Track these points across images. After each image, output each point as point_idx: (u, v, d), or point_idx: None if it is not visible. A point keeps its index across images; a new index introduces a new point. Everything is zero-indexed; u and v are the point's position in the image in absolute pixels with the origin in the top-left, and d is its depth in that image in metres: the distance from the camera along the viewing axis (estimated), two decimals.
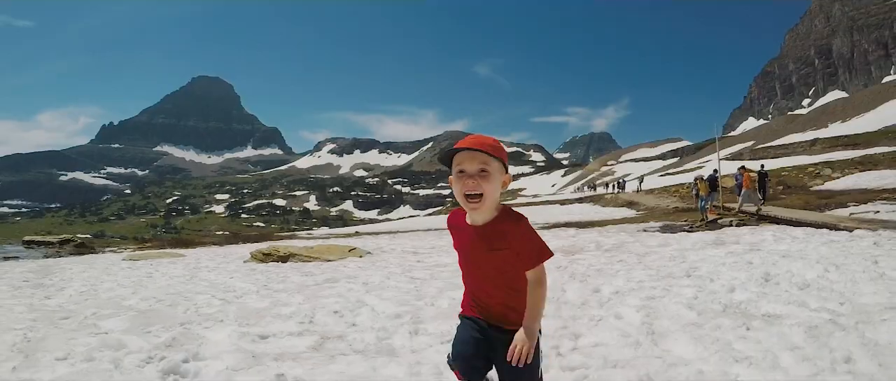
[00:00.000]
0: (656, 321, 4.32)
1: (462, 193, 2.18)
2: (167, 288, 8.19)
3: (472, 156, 2.17)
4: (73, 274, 11.03)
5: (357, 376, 3.49)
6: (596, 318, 4.60)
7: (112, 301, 7.08)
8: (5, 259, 17.96)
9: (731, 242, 10.28)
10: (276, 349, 4.25)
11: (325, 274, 9.05)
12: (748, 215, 18.48)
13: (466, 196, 2.17)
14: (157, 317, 5.69)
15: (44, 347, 4.61)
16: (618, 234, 15.60)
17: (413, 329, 4.51)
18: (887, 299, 4.38)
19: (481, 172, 2.15)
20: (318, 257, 11.92)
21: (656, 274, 6.73)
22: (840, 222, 13.22)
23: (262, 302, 6.39)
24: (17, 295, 8.04)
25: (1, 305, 6.97)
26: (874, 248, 7.71)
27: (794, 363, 3.13)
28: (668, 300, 5.06)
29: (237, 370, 3.74)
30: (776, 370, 3.07)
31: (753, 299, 4.90)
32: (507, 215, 2.24)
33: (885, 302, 4.25)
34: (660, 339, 3.87)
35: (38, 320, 5.88)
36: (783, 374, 2.99)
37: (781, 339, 3.61)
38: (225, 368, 3.76)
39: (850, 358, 3.12)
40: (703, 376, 3.03)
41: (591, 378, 3.16)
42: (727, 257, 7.81)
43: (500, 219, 2.23)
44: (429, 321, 4.79)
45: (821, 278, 5.58)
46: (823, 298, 4.71)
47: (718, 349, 3.53)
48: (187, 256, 16.09)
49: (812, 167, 45.40)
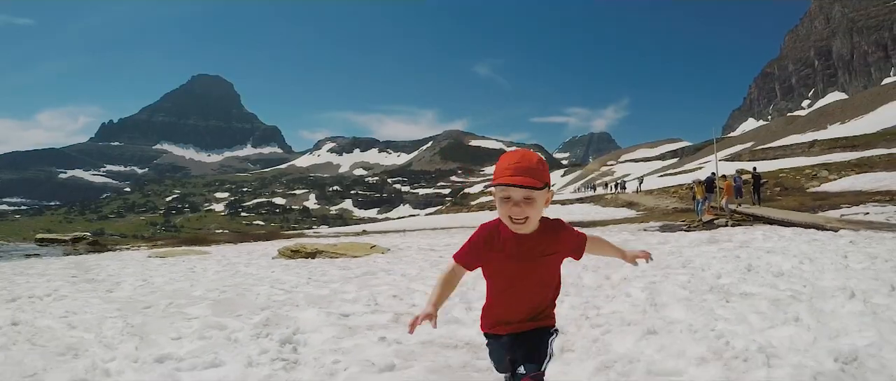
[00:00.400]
0: (657, 297, 5.44)
1: (507, 215, 2.27)
2: (220, 281, 8.89)
3: (517, 191, 2.23)
4: (113, 270, 11.54)
5: (441, 335, 4.46)
6: (610, 296, 5.78)
7: (180, 293, 7.71)
8: (27, 256, 18.55)
9: (724, 240, 11.30)
10: (363, 323, 5.17)
11: (361, 268, 9.95)
12: (730, 215, 19.59)
13: (511, 219, 2.27)
14: (236, 304, 6.46)
15: (151, 330, 5.18)
16: (620, 233, 16.54)
17: (467, 307, 5.50)
18: (842, 283, 5.44)
19: (526, 199, 2.23)
20: (344, 253, 12.72)
21: (657, 265, 7.78)
22: (827, 223, 14.02)
23: (321, 290, 7.28)
24: (81, 289, 8.47)
25: (75, 298, 7.42)
26: (849, 245, 8.71)
27: (757, 320, 4.31)
28: (666, 284, 6.18)
29: (341, 337, 4.64)
30: (744, 323, 4.25)
31: (735, 282, 6.05)
32: (548, 223, 2.40)
33: (839, 285, 5.33)
34: (660, 308, 4.99)
35: (123, 309, 6.41)
36: (748, 325, 4.18)
37: (751, 307, 4.77)
38: (331, 337, 4.65)
39: (798, 318, 4.26)
40: (692, 328, 4.15)
41: (613, 332, 4.28)
42: (718, 253, 8.90)
43: (544, 228, 2.38)
44: (476, 300, 5.75)
45: (794, 269, 6.66)
46: (791, 282, 5.82)
47: (704, 313, 4.68)
48: (211, 252, 16.72)
49: (809, 169, 45.93)
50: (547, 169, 2.28)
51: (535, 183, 2.18)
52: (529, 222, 2.27)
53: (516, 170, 2.19)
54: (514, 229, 2.29)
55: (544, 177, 2.24)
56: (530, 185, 2.17)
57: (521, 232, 2.31)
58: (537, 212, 2.27)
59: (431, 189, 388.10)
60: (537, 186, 2.19)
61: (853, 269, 6.36)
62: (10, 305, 7.01)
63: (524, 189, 2.19)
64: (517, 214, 2.23)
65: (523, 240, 2.33)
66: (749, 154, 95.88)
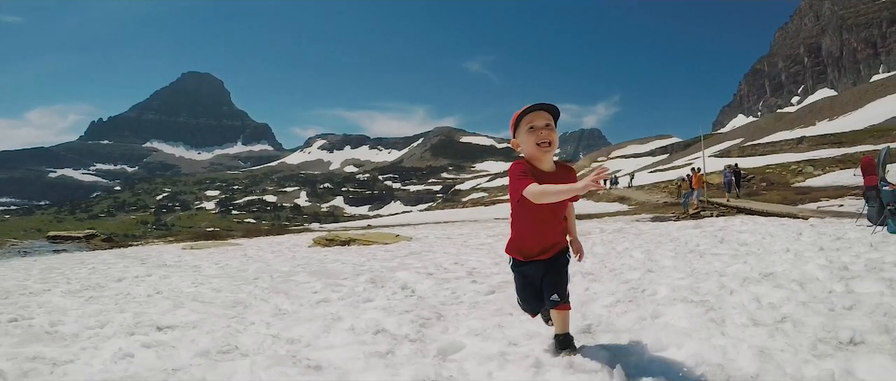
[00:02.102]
0: (652, 256, 7.50)
1: (535, 142, 2.77)
2: (294, 260, 10.26)
3: (539, 114, 2.77)
4: (172, 259, 12.25)
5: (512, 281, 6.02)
6: (618, 257, 7.80)
7: (265, 270, 8.70)
8: (56, 252, 19.06)
9: (706, 226, 12.98)
10: (449, 277, 6.76)
11: (404, 250, 11.45)
12: (702, 205, 21.02)
13: (538, 144, 2.77)
14: (329, 273, 7.73)
15: (284, 290, 6.27)
16: (615, 223, 17.85)
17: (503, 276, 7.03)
18: (786, 247, 7.40)
19: (547, 125, 2.77)
20: (375, 241, 13.92)
21: (650, 241, 9.85)
22: (800, 213, 15.49)
23: (390, 263, 8.77)
24: (176, 271, 9.24)
25: (181, 277, 8.16)
26: (808, 227, 10.43)
27: (719, 264, 6.28)
28: (658, 250, 8.22)
29: (440, 284, 6.15)
30: (710, 265, 6.21)
31: (709, 248, 8.07)
32: (563, 164, 2.94)
33: (783, 248, 7.28)
34: (654, 263, 6.91)
35: (236, 279, 7.60)
36: (712, 266, 6.08)
37: (717, 259, 6.77)
38: (432, 285, 6.11)
39: (746, 262, 6.19)
40: (676, 268, 6.21)
41: (624, 275, 6.02)
42: (700, 233, 10.87)
43: (562, 166, 2.92)
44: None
45: (756, 242, 8.45)
46: (750, 248, 7.76)
47: (685, 264, 6.59)
48: (243, 245, 17.64)
49: (796, 165, 46.90)
50: (558, 113, 2.82)
51: (552, 108, 2.77)
52: (552, 147, 2.79)
53: (535, 104, 2.75)
54: (541, 154, 2.80)
55: (557, 113, 2.81)
56: (548, 109, 2.76)
57: (547, 165, 2.86)
58: (556, 138, 2.80)
59: (422, 186, 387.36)
60: (554, 111, 2.78)
61: (801, 241, 8.11)
62: (147, 278, 8.28)
63: (545, 112, 2.76)
64: (544, 137, 2.76)
65: (552, 175, 2.83)
66: (738, 150, 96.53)
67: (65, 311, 5.45)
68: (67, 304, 5.95)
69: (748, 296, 4.25)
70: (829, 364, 2.70)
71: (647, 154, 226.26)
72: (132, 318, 4.86)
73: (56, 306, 5.85)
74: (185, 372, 3.11)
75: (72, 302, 6.08)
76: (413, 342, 3.56)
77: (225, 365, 3.16)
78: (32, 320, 4.95)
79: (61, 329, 4.52)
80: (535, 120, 2.75)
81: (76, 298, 6.46)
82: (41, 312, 5.45)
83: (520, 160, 2.85)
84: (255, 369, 3.01)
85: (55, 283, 8.20)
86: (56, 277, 9.15)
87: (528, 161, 2.84)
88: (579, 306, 4.38)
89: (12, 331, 4.48)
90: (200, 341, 3.79)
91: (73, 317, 5.05)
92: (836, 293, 4.24)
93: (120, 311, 5.32)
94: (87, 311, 5.40)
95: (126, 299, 6.19)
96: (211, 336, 3.93)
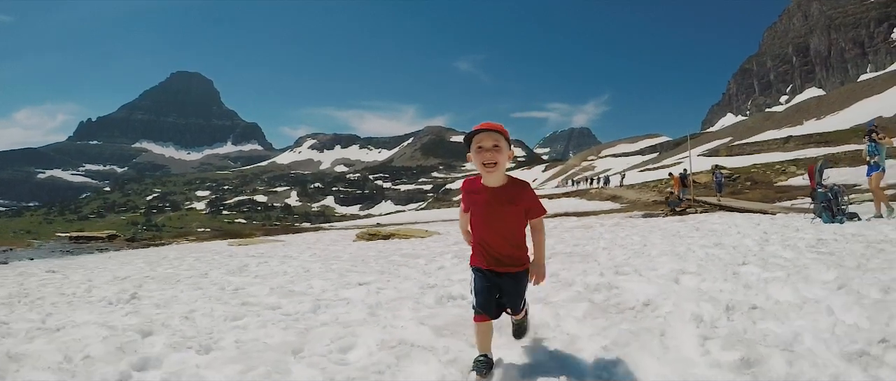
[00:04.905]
0: (646, 241, 9.28)
1: (481, 162, 2.88)
2: (366, 250, 12.33)
3: (487, 135, 2.86)
4: (232, 254, 13.59)
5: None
6: (622, 240, 9.94)
7: (361, 254, 11.01)
8: (101, 251, 19.37)
9: (689, 220, 15.02)
10: None
11: (445, 240, 13.68)
12: (689, 204, 23.24)
13: (484, 164, 2.87)
14: (418, 255, 9.94)
15: (402, 266, 8.22)
16: (612, 219, 19.75)
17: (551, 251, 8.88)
18: (744, 232, 9.52)
19: (494, 146, 2.86)
20: (410, 235, 15.59)
21: (644, 231, 11.90)
22: (771, 209, 17.68)
23: (446, 250, 10.57)
24: (287, 260, 10.55)
25: (268, 265, 9.91)
26: (769, 220, 12.34)
27: (691, 243, 8.28)
28: (651, 235, 10.41)
29: None
30: (685, 244, 8.12)
31: (687, 233, 10.30)
32: (514, 181, 3.02)
33: (742, 234, 9.25)
34: (648, 241, 9.19)
35: (324, 258, 10.01)
36: (687, 245, 8.00)
37: (690, 238, 9.02)
38: None
39: (709, 239, 8.61)
40: (662, 243, 8.40)
41: (630, 247, 8.36)
42: (682, 225, 12.91)
43: (511, 183, 3.00)
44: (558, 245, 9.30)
45: (722, 229, 10.53)
46: (715, 232, 9.97)
47: (668, 241, 8.87)
48: (286, 241, 18.91)
49: (779, 165, 48.02)
50: (507, 132, 2.90)
51: (500, 129, 2.86)
52: (498, 168, 2.89)
53: (488, 124, 2.85)
54: (487, 173, 2.92)
55: (506, 134, 2.88)
56: (497, 129, 2.85)
57: (492, 181, 2.96)
58: (503, 158, 2.88)
59: (413, 185, 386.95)
60: (503, 132, 2.86)
61: (757, 229, 10.04)
62: (269, 264, 10.24)
63: (492, 134, 2.84)
64: (488, 158, 2.85)
65: (495, 190, 2.97)
66: (726, 150, 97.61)
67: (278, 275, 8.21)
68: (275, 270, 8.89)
69: (702, 252, 7.06)
70: (728, 271, 5.40)
71: (637, 153, 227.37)
72: (338, 277, 7.47)
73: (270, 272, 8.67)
74: (390, 302, 5.23)
75: (275, 273, 8.52)
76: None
77: (427, 297, 5.29)
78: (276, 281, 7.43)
79: (312, 282, 7.05)
80: (484, 141, 2.86)
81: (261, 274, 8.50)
82: (254, 284, 7.33)
83: (468, 179, 3.10)
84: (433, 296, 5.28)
85: (211, 267, 10.03)
86: (203, 266, 10.49)
87: (478, 178, 3.05)
88: (611, 260, 7.18)
89: (287, 286, 6.86)
90: (388, 289, 6.06)
91: (272, 286, 6.91)
92: (752, 251, 6.94)
93: (308, 279, 7.34)
94: (290, 279, 7.64)
95: (300, 275, 8.03)
96: (395, 287, 6.14)
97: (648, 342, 3.30)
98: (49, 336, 4.45)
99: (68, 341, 4.23)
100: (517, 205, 2.97)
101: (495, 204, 2.94)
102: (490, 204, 2.95)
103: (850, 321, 3.37)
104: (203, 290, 6.90)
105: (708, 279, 5.10)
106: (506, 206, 2.94)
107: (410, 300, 5.18)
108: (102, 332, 4.47)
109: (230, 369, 3.29)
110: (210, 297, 6.27)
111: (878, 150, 11.49)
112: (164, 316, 5.07)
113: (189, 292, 6.81)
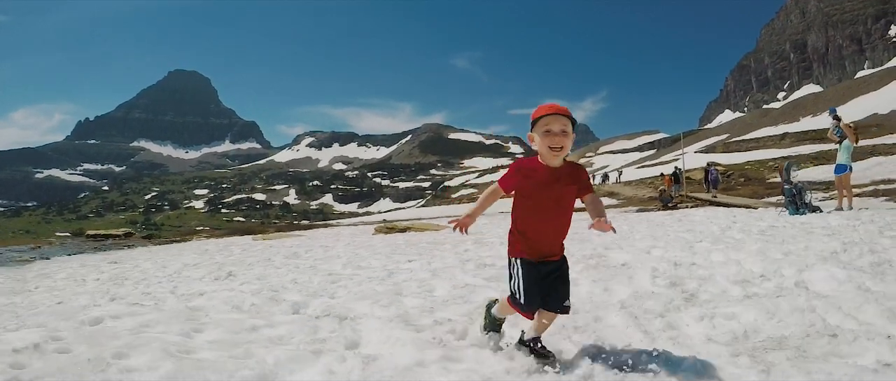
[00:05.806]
0: (633, 229, 11.01)
1: (548, 146, 2.80)
2: (388, 242, 13.08)
3: (556, 119, 2.79)
4: (267, 246, 14.74)
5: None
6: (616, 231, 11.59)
7: (389, 245, 11.92)
8: (129, 247, 19.95)
9: (676, 214, 16.94)
10: (497, 242, 10.36)
11: (458, 232, 14.76)
12: (681, 199, 25.04)
13: (550, 148, 2.79)
14: (438, 244, 11.26)
15: (432, 254, 9.16)
16: (608, 213, 20.41)
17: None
18: (720, 223, 10.98)
19: (562, 131, 2.79)
20: (426, 228, 16.62)
21: (633, 222, 13.78)
22: (753, 204, 19.20)
23: (464, 241, 11.62)
24: (329, 251, 11.40)
25: (317, 257, 12.41)
26: (745, 213, 14.15)
27: (670, 231, 10.08)
28: (639, 225, 12.11)
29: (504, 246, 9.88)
30: (667, 232, 9.98)
31: (670, 224, 12.07)
32: (570, 163, 2.96)
33: (717, 225, 10.74)
34: (635, 230, 10.74)
35: (390, 254, 10.49)
36: (667, 232, 9.94)
37: (671, 227, 10.85)
38: (501, 248, 9.91)
39: (685, 227, 10.46)
40: (644, 233, 9.94)
41: (611, 237, 9.21)
42: (668, 217, 14.81)
43: (568, 164, 2.94)
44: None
45: (701, 221, 12.32)
46: (694, 222, 11.73)
47: (654, 232, 10.19)
48: (306, 235, 19.79)
49: (773, 161, 49.47)
50: (574, 119, 2.87)
51: (569, 114, 2.83)
52: (563, 152, 2.85)
53: (557, 107, 2.83)
54: (552, 157, 2.86)
55: (573, 119, 2.85)
56: (565, 113, 2.83)
57: (555, 164, 2.90)
58: (569, 145, 2.84)
59: (411, 183, 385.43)
60: (571, 117, 2.83)
61: (732, 220, 11.58)
62: (311, 254, 12.31)
63: (563, 118, 2.82)
64: (556, 143, 2.81)
65: (553, 171, 2.90)
66: (723, 146, 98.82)
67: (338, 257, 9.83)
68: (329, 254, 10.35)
69: (674, 235, 8.84)
70: (687, 246, 7.27)
71: (635, 150, 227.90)
72: (386, 258, 8.89)
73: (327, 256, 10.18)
74: (443, 269, 6.96)
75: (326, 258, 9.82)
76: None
77: (469, 265, 7.06)
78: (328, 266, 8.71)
79: (370, 261, 8.57)
80: (552, 124, 2.82)
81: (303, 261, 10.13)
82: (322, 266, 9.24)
83: (521, 159, 3.03)
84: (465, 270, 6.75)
85: (265, 255, 11.21)
86: (256, 255, 11.69)
87: (538, 159, 2.97)
88: (602, 241, 8.47)
89: (353, 263, 8.45)
90: (435, 262, 7.81)
91: (340, 264, 8.64)
92: (713, 234, 8.68)
93: (365, 259, 8.84)
94: (349, 259, 9.06)
95: (354, 257, 9.32)
96: (441, 260, 7.97)
97: (622, 280, 5.12)
98: (202, 297, 5.72)
99: (227, 296, 5.60)
100: (574, 184, 2.94)
101: (555, 183, 2.89)
102: (549, 185, 2.88)
103: (749, 268, 5.22)
104: (283, 268, 8.35)
105: (670, 251, 6.89)
106: (565, 186, 2.91)
107: (457, 268, 6.89)
108: (243, 292, 5.90)
109: (363, 304, 4.72)
110: (297, 270, 7.85)
111: (842, 133, 13.33)
112: (275, 284, 6.50)
113: (272, 270, 8.22)
